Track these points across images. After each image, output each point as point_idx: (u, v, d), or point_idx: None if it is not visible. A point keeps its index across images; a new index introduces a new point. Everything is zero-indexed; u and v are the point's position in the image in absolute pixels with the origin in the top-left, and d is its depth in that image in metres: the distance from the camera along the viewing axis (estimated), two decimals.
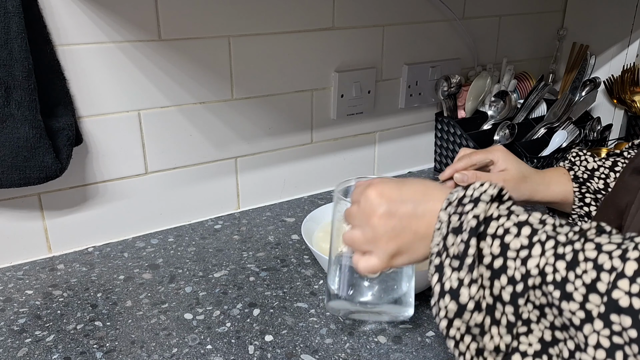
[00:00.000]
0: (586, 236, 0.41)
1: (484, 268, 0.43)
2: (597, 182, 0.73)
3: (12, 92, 0.68)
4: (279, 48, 0.92)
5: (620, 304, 0.37)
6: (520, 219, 0.44)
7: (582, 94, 1.14)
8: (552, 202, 0.76)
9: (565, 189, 0.75)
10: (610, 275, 0.38)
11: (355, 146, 1.08)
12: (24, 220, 0.80)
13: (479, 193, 0.45)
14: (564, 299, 0.40)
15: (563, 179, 0.76)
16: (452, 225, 0.45)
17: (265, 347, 0.63)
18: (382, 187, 0.49)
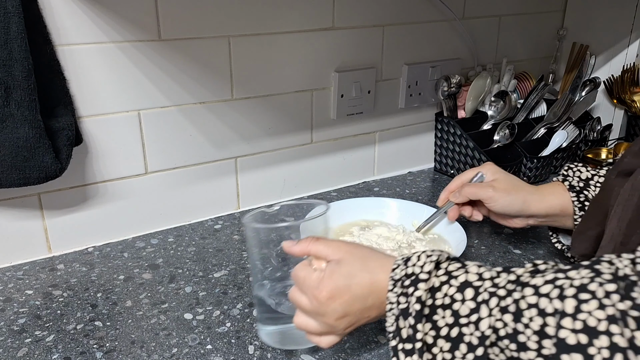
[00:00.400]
0: (522, 282, 0.43)
1: (442, 340, 0.45)
2: (594, 190, 0.72)
3: (12, 92, 0.68)
4: (279, 48, 0.92)
5: (568, 342, 0.38)
6: (460, 280, 0.46)
7: (582, 94, 1.14)
8: (549, 214, 0.74)
9: (562, 199, 0.74)
10: (555, 317, 0.39)
11: (355, 146, 1.08)
12: (24, 220, 0.80)
13: (418, 270, 0.47)
14: (521, 349, 0.41)
15: (558, 189, 0.75)
16: (400, 307, 0.47)
17: (265, 347, 0.63)
18: (332, 289, 0.51)
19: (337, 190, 1.07)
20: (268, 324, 0.61)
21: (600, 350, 0.37)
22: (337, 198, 1.04)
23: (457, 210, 0.80)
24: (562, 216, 0.74)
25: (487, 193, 0.76)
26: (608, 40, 1.21)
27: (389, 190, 1.07)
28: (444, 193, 0.82)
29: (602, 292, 0.39)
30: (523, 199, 0.75)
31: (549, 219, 0.75)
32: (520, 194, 0.75)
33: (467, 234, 0.89)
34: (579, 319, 0.38)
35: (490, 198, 0.76)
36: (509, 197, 0.75)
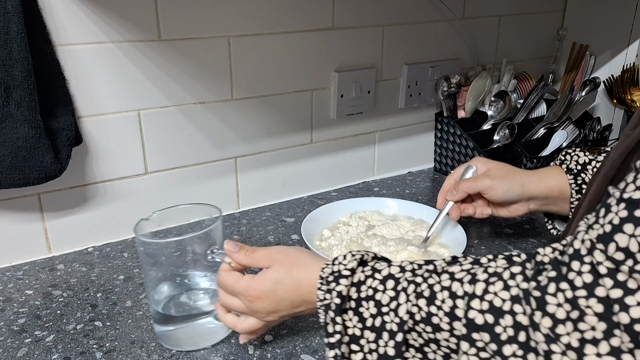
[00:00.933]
0: (439, 271, 0.46)
1: (368, 331, 0.47)
2: (592, 173, 0.71)
3: (11, 92, 0.68)
4: (279, 48, 0.92)
5: (477, 322, 0.40)
6: (383, 273, 0.48)
7: (582, 94, 1.14)
8: (549, 196, 0.74)
9: (560, 181, 0.74)
10: (464, 299, 0.42)
11: (355, 146, 1.08)
12: (24, 221, 0.80)
13: (342, 267, 0.50)
14: (436, 331, 0.43)
15: (556, 171, 0.75)
16: (324, 303, 0.49)
17: (265, 347, 0.63)
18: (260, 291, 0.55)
19: (337, 190, 1.07)
20: (162, 324, 0.63)
21: (505, 329, 0.39)
22: (337, 198, 1.04)
23: (458, 209, 0.79)
24: (560, 198, 0.74)
25: (484, 183, 0.75)
26: (608, 40, 1.21)
27: (388, 190, 1.07)
28: (440, 195, 0.81)
29: (508, 274, 0.41)
30: (521, 182, 0.74)
31: (549, 202, 0.75)
32: (517, 177, 0.75)
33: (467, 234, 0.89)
34: (486, 300, 0.41)
35: (488, 187, 0.75)
36: (507, 183, 0.74)
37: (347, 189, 1.08)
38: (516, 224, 0.92)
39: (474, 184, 0.76)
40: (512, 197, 0.74)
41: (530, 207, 0.76)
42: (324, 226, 0.84)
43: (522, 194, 0.74)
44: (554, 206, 0.75)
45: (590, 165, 0.72)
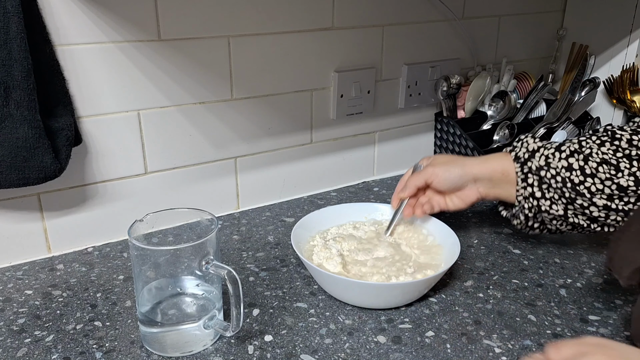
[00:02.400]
0: None
1: None
2: (539, 160, 0.73)
3: (11, 92, 0.68)
4: (279, 48, 0.92)
5: None
6: None
7: (582, 94, 1.14)
8: (492, 177, 0.76)
9: (503, 163, 0.76)
10: None
11: (354, 146, 1.08)
12: (24, 221, 0.80)
13: None
14: None
15: (500, 155, 0.78)
16: None
17: (265, 347, 0.63)
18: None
19: (337, 190, 1.07)
20: (147, 326, 0.63)
21: None
22: (336, 198, 1.04)
23: (410, 207, 0.82)
24: (505, 181, 0.76)
25: (427, 172, 0.79)
26: (607, 40, 1.21)
27: (388, 190, 1.07)
28: (394, 196, 0.84)
29: None
30: (462, 164, 0.77)
31: (495, 185, 0.77)
32: (458, 161, 0.78)
33: (467, 234, 0.89)
34: None
35: (431, 174, 0.78)
36: (447, 166, 0.78)
37: (347, 189, 1.08)
38: None
39: (418, 176, 0.80)
40: (454, 178, 0.77)
41: (479, 191, 0.78)
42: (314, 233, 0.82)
43: (464, 175, 0.77)
44: (501, 190, 0.77)
45: (538, 152, 0.74)
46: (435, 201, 0.81)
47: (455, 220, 0.93)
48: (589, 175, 0.70)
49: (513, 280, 0.76)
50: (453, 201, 0.80)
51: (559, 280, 0.76)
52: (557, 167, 0.72)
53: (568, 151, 0.72)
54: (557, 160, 0.72)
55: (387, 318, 0.68)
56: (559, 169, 0.72)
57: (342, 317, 0.69)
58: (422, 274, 0.71)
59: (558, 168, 0.72)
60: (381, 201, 1.02)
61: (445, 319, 0.68)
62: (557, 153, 0.73)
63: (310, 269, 0.71)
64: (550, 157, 0.73)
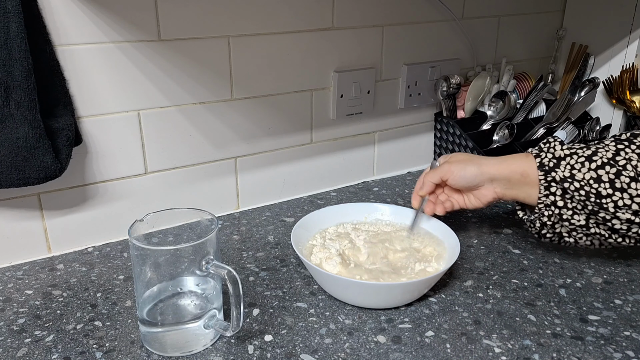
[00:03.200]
0: None
1: None
2: (563, 171, 0.71)
3: (11, 92, 0.68)
4: (279, 48, 0.92)
5: None
6: None
7: (581, 94, 1.14)
8: (510, 178, 0.74)
9: (523, 165, 0.74)
10: None
11: (354, 146, 1.08)
12: (24, 221, 0.80)
13: None
14: None
15: (521, 157, 0.75)
16: None
17: (265, 347, 0.63)
18: None
19: (337, 190, 1.07)
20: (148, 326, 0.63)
21: None
22: (336, 198, 1.04)
23: (431, 204, 0.82)
24: (523, 183, 0.74)
25: (443, 169, 0.79)
26: (607, 40, 1.22)
27: (388, 190, 1.07)
28: (414, 195, 0.84)
29: None
30: (479, 163, 0.76)
31: (512, 186, 0.75)
32: (475, 160, 0.77)
33: (467, 234, 0.89)
34: None
35: (446, 171, 0.78)
36: (464, 164, 0.77)
37: (347, 189, 1.08)
38: (516, 224, 0.92)
39: (435, 173, 0.80)
40: (470, 177, 0.76)
41: (496, 191, 0.76)
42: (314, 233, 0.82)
43: (480, 174, 0.76)
44: (519, 191, 0.75)
45: (564, 160, 0.71)
46: (454, 199, 0.81)
47: (455, 220, 0.93)
48: (618, 189, 0.67)
49: (513, 280, 0.77)
50: (470, 200, 0.80)
51: (558, 280, 0.77)
52: (582, 178, 0.69)
53: (600, 162, 0.69)
54: (586, 170, 0.69)
55: (387, 318, 0.68)
56: (586, 181, 0.69)
57: (342, 317, 0.69)
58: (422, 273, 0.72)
59: (585, 180, 0.69)
60: (381, 201, 1.02)
61: (445, 319, 0.68)
62: (587, 163, 0.69)
63: (310, 268, 0.71)
64: (577, 167, 0.70)
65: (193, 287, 0.64)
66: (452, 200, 0.81)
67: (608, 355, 0.62)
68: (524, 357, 0.62)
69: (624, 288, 0.75)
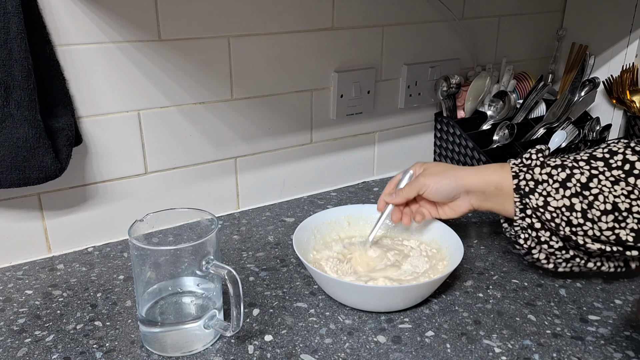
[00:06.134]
0: None
1: None
2: (537, 199, 0.69)
3: (11, 92, 0.68)
4: (279, 48, 0.92)
5: None
6: None
7: (581, 94, 1.14)
8: (485, 190, 0.73)
9: (498, 176, 0.72)
10: None
11: (354, 146, 1.08)
12: (24, 221, 0.80)
13: None
14: None
15: (495, 167, 0.74)
16: None
17: (265, 347, 0.63)
18: None
19: (337, 190, 1.07)
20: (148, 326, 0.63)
21: None
22: (336, 198, 1.04)
23: (398, 211, 0.80)
24: (498, 195, 0.72)
25: (418, 182, 0.76)
26: (607, 40, 1.22)
27: None
28: (381, 198, 0.82)
29: None
30: (455, 175, 0.75)
31: (487, 198, 0.74)
32: (451, 171, 0.76)
33: (467, 234, 0.89)
34: None
35: (422, 185, 0.76)
36: (440, 177, 0.75)
37: (347, 189, 1.08)
38: None
39: (411, 187, 0.78)
40: (447, 190, 0.75)
41: (472, 203, 0.75)
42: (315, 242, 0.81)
43: (457, 187, 0.74)
44: (494, 203, 0.74)
45: (541, 185, 0.69)
46: (426, 209, 0.79)
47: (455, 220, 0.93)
48: (589, 219, 0.66)
49: (513, 280, 0.76)
50: (444, 211, 0.78)
51: (558, 280, 0.77)
52: (555, 208, 0.68)
53: (574, 189, 0.67)
54: (560, 197, 0.68)
55: (386, 318, 0.68)
56: (559, 210, 0.68)
57: (342, 317, 0.69)
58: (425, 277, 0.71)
59: (557, 209, 0.68)
60: None
61: (445, 319, 0.68)
62: (562, 189, 0.68)
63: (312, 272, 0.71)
64: (553, 194, 0.68)
65: (193, 287, 0.64)
66: (424, 212, 0.79)
67: (608, 355, 0.62)
68: (524, 357, 0.62)
69: (624, 288, 0.75)
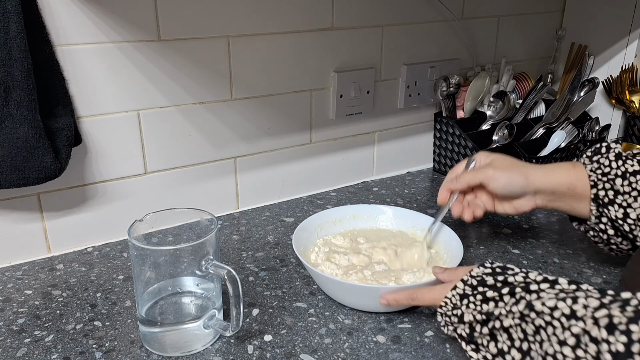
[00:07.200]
0: None
1: None
2: (617, 211, 0.66)
3: (11, 92, 0.68)
4: (278, 48, 0.92)
5: None
6: None
7: (581, 94, 1.14)
8: (555, 191, 0.69)
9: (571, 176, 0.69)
10: None
11: (354, 146, 1.08)
12: (23, 221, 0.80)
13: None
14: None
15: (567, 166, 0.70)
16: None
17: (265, 347, 0.63)
18: None
19: (336, 190, 1.07)
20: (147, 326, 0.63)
21: None
22: (336, 198, 1.04)
23: (459, 204, 0.76)
24: (569, 196, 0.69)
25: (486, 173, 0.72)
26: (607, 40, 1.22)
27: (388, 190, 1.07)
28: (442, 188, 0.77)
29: None
30: (526, 174, 0.70)
31: (556, 198, 0.70)
32: (521, 168, 0.71)
33: (467, 234, 0.89)
34: None
35: (490, 177, 0.71)
36: (510, 173, 0.70)
37: (347, 189, 1.08)
38: (515, 224, 0.92)
39: (476, 174, 0.73)
40: (515, 189, 0.70)
41: (537, 203, 0.71)
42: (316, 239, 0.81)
43: (526, 187, 0.70)
44: (562, 203, 0.70)
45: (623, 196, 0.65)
46: (483, 203, 0.75)
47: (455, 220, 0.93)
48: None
49: None
50: (504, 207, 0.74)
51: None
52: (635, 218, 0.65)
53: None
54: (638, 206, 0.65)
55: (386, 318, 0.69)
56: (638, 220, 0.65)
57: (341, 316, 0.69)
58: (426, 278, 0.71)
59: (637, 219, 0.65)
60: (381, 201, 1.02)
61: None
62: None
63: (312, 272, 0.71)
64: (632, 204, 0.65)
65: (193, 287, 0.64)
66: (479, 204, 0.75)
67: None
68: None
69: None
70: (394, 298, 0.63)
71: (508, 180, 0.71)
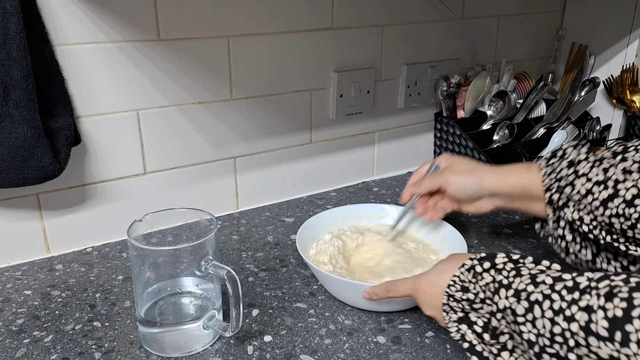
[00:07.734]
0: None
1: None
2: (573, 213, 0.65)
3: (10, 92, 0.68)
4: (278, 48, 0.92)
5: None
6: None
7: (582, 94, 1.14)
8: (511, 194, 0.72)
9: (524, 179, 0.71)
10: None
11: (354, 146, 1.08)
12: (23, 221, 0.80)
13: None
14: None
15: (521, 169, 0.72)
16: None
17: (264, 348, 0.63)
18: None
19: (336, 190, 1.07)
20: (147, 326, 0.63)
21: None
22: (336, 198, 1.04)
23: (422, 204, 0.80)
24: (524, 198, 0.71)
25: (442, 178, 0.76)
26: (607, 40, 1.21)
27: (388, 190, 1.07)
28: (406, 189, 0.81)
29: None
30: (480, 178, 0.74)
31: (513, 200, 0.73)
32: (476, 173, 0.75)
33: (467, 234, 0.89)
34: None
35: (446, 181, 0.76)
36: (464, 178, 0.74)
37: (347, 189, 1.08)
38: (516, 224, 0.92)
39: (434, 179, 0.78)
40: (470, 192, 0.74)
41: (496, 204, 0.75)
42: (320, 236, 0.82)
43: (480, 190, 0.73)
44: (520, 204, 0.73)
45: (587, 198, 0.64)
46: (447, 203, 0.79)
47: (455, 220, 0.93)
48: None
49: None
50: (467, 207, 0.77)
51: None
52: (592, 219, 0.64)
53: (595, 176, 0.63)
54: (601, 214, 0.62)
55: (386, 318, 0.68)
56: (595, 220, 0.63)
57: (341, 317, 0.69)
58: None
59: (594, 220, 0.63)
60: (381, 201, 1.02)
61: None
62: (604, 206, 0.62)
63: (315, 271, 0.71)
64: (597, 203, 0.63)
65: (192, 288, 0.64)
66: (444, 205, 0.79)
67: None
68: None
69: None
70: (373, 291, 0.65)
71: (463, 184, 0.75)
